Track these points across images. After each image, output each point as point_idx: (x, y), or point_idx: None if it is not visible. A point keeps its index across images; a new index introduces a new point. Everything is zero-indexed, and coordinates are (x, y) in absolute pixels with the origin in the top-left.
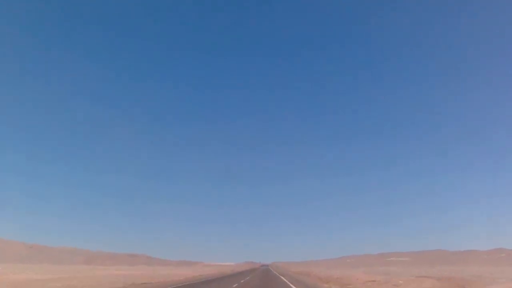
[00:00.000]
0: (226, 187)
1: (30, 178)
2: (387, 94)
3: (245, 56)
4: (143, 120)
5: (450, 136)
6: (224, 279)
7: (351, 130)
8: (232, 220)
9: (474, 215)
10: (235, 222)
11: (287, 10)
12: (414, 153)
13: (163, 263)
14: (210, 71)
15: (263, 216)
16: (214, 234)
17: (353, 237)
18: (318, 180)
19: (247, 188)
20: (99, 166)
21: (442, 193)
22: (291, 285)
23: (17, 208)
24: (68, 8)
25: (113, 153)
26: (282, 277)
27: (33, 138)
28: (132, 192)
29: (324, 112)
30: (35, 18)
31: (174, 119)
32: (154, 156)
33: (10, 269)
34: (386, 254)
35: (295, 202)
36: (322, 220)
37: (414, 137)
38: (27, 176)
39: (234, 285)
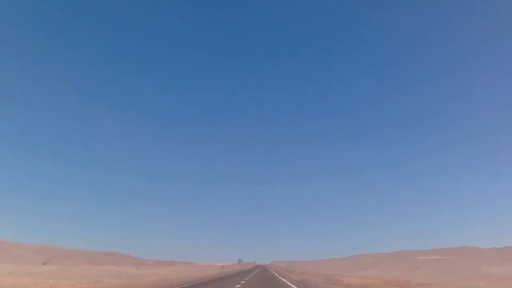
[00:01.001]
0: (223, 187)
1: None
2: (390, 95)
3: (246, 56)
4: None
5: (463, 133)
6: None
7: (359, 130)
8: (229, 219)
9: (498, 211)
10: (232, 222)
11: (290, 10)
12: (429, 151)
13: (141, 262)
14: (211, 71)
15: (263, 215)
16: (207, 233)
17: (359, 236)
18: (322, 180)
19: (245, 189)
20: (86, 164)
21: (459, 190)
22: None
23: None
24: (67, 7)
25: (102, 151)
26: None
27: None
28: (120, 191)
29: (326, 113)
30: (34, 17)
31: (173, 119)
32: (147, 155)
33: None
34: (407, 252)
35: (297, 202)
36: (328, 219)
37: (426, 136)
38: None
39: None
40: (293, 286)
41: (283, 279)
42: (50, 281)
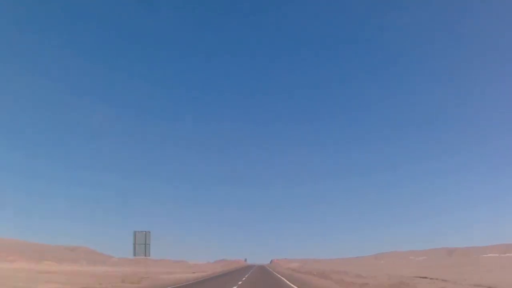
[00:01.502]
0: (224, 187)
1: None
2: (390, 96)
3: (246, 56)
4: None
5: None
6: None
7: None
8: (216, 218)
9: None
10: (219, 220)
11: (291, 11)
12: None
13: (103, 260)
14: (214, 72)
15: (256, 215)
16: (191, 231)
17: (377, 234)
18: (331, 179)
19: (251, 190)
20: (51, 156)
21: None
22: None
23: None
24: (66, 7)
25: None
26: None
27: None
28: (101, 186)
29: (327, 115)
30: (33, 16)
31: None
32: (138, 153)
33: None
34: (467, 249)
35: (302, 202)
36: (345, 217)
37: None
38: None
39: None
40: None
41: None
42: None
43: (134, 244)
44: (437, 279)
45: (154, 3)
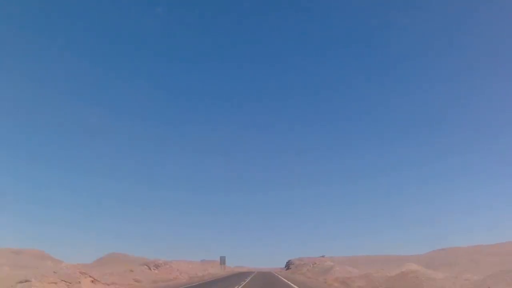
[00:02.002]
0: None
1: None
2: (390, 98)
3: (242, 58)
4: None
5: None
6: None
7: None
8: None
9: None
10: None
11: (289, 11)
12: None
13: (48, 266)
14: (217, 78)
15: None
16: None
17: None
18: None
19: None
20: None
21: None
22: None
23: None
24: (64, 8)
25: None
26: None
27: None
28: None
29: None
30: (32, 17)
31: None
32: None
33: None
34: None
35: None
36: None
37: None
38: None
39: None
40: None
41: None
42: None
43: None
44: None
45: (153, 4)
